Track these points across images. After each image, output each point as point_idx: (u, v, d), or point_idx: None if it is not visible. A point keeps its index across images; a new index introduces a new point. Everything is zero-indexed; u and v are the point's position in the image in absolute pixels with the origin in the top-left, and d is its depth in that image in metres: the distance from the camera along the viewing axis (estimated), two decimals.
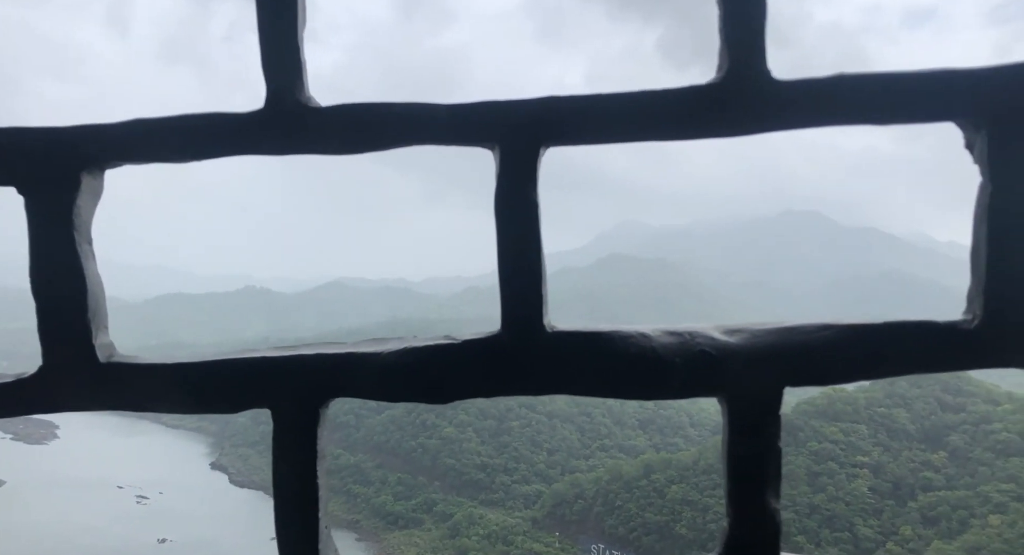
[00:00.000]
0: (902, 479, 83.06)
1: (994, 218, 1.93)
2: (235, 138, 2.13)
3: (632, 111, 2.03)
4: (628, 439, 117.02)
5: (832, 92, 1.96)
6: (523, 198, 2.08)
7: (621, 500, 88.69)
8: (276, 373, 2.17)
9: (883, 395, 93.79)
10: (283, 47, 2.10)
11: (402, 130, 2.10)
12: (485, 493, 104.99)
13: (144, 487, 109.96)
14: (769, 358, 2.01)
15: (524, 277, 2.10)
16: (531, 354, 2.09)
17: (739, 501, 2.03)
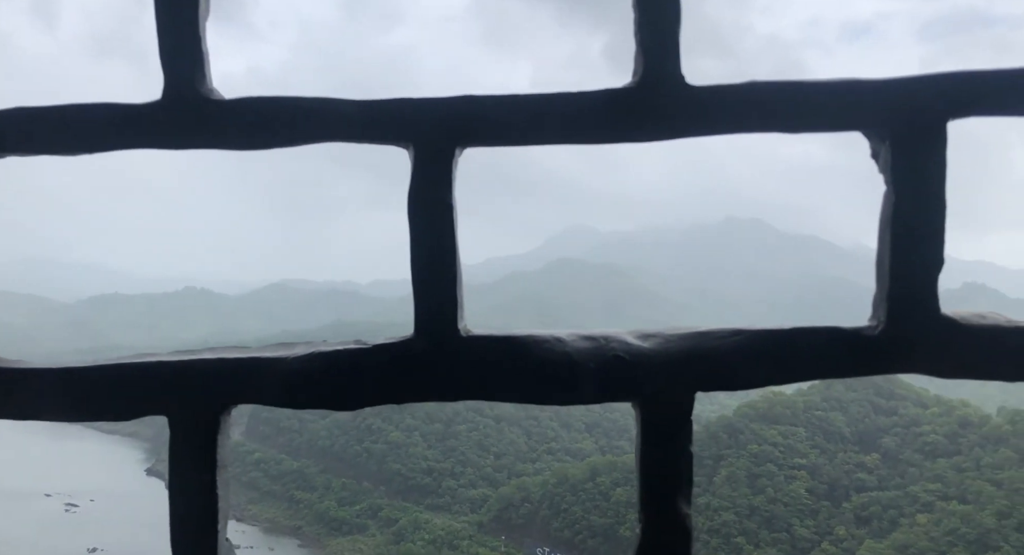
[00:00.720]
0: (837, 481, 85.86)
1: (897, 226, 1.96)
2: (130, 130, 2.02)
3: (549, 113, 2.02)
4: (575, 442, 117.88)
5: (744, 99, 1.97)
6: (437, 200, 2.04)
7: (567, 503, 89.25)
8: (172, 379, 2.06)
9: (820, 399, 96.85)
10: (182, 36, 2.01)
11: (309, 126, 2.03)
12: (431, 498, 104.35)
13: (74, 495, 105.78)
14: (682, 363, 2.00)
15: (438, 281, 2.05)
16: (444, 359, 2.04)
17: (651, 506, 2.02)
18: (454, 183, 2.08)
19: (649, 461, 2.02)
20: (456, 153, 2.06)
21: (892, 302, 1.96)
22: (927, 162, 1.95)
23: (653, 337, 2.05)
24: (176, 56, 2.03)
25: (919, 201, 1.95)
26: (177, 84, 2.03)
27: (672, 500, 2.01)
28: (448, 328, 2.06)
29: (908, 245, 1.96)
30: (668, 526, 2.01)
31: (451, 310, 2.06)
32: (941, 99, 1.93)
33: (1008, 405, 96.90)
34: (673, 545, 2.01)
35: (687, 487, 2.02)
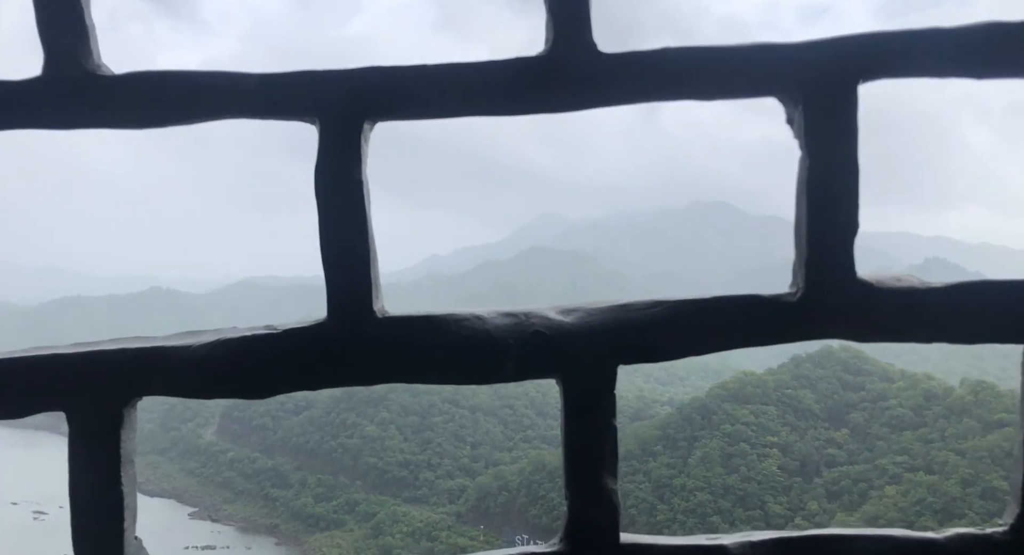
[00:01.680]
0: (808, 457, 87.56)
1: (812, 192, 1.95)
2: (8, 108, 1.92)
3: (459, 83, 1.97)
4: (551, 429, 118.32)
5: (657, 65, 1.94)
6: (346, 176, 1.98)
7: (544, 490, 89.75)
8: (70, 371, 1.96)
9: (790, 377, 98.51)
10: (62, 6, 1.91)
11: (207, 101, 1.95)
12: (408, 490, 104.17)
13: (43, 502, 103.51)
14: (603, 336, 1.98)
15: (349, 261, 2.01)
16: (360, 341, 2.00)
17: (577, 483, 2.00)
18: (365, 159, 2.01)
19: (573, 436, 2.00)
20: (365, 127, 1.99)
21: (810, 268, 1.96)
22: (838, 125, 1.93)
23: (575, 311, 2.02)
24: (56, 28, 1.93)
25: (832, 165, 1.93)
26: (58, 59, 1.93)
27: (597, 475, 1.99)
28: (362, 310, 2.00)
29: (823, 210, 1.94)
30: (594, 501, 1.99)
31: (365, 291, 2.01)
32: (850, 61, 1.91)
33: (970, 377, 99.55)
34: (600, 521, 1.99)
35: (612, 461, 2.00)
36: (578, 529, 2.01)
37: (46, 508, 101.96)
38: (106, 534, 1.98)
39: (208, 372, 1.97)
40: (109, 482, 1.98)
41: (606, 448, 2.00)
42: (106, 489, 1.98)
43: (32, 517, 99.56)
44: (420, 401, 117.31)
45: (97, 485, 1.98)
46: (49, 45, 1.90)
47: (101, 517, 1.98)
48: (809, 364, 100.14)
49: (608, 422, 2.00)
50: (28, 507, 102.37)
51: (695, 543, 2.05)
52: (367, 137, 2.00)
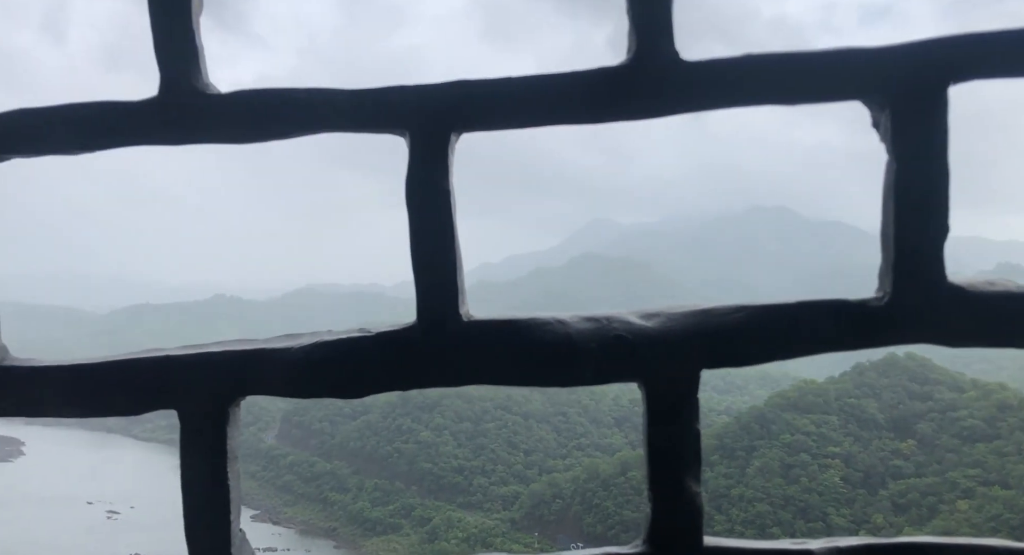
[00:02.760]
0: (872, 468, 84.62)
1: (900, 196, 1.93)
2: (128, 127, 2.04)
3: (542, 94, 2.01)
4: (604, 437, 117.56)
5: (739, 72, 1.95)
6: (434, 186, 2.03)
7: (599, 498, 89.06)
8: (181, 372, 2.08)
9: (852, 385, 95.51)
10: (176, 31, 2.02)
11: (304, 117, 2.04)
12: (463, 496, 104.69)
13: (115, 502, 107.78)
14: (685, 341, 1.99)
15: (438, 267, 2.05)
16: (446, 345, 2.04)
17: (659, 486, 2.02)
18: (451, 169, 2.06)
19: (656, 440, 2.01)
20: (452, 139, 2.05)
21: (897, 272, 1.94)
22: (928, 128, 1.91)
23: (656, 316, 2.03)
24: (170, 51, 2.04)
25: (921, 168, 1.92)
26: (172, 79, 2.04)
27: (680, 478, 2.00)
28: (449, 314, 2.06)
29: (911, 214, 1.92)
30: (678, 504, 2.00)
31: (452, 296, 2.06)
32: (941, 63, 1.90)
33: None
34: (683, 523, 2.00)
35: (695, 465, 2.01)
36: (660, 531, 2.02)
37: (118, 508, 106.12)
38: (215, 526, 2.10)
39: (306, 372, 2.06)
40: (217, 477, 2.10)
41: (689, 451, 2.01)
42: (214, 483, 2.10)
43: (106, 516, 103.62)
44: (473, 407, 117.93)
45: (206, 480, 2.10)
46: (165, 67, 2.03)
47: (210, 510, 2.10)
48: (873, 373, 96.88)
49: (691, 426, 2.01)
50: (102, 506, 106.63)
51: (780, 547, 2.04)
52: (453, 148, 2.07)
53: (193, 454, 2.10)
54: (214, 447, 2.09)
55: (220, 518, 2.10)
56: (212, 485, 2.09)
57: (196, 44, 2.03)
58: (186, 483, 2.10)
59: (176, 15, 2.01)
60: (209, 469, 2.09)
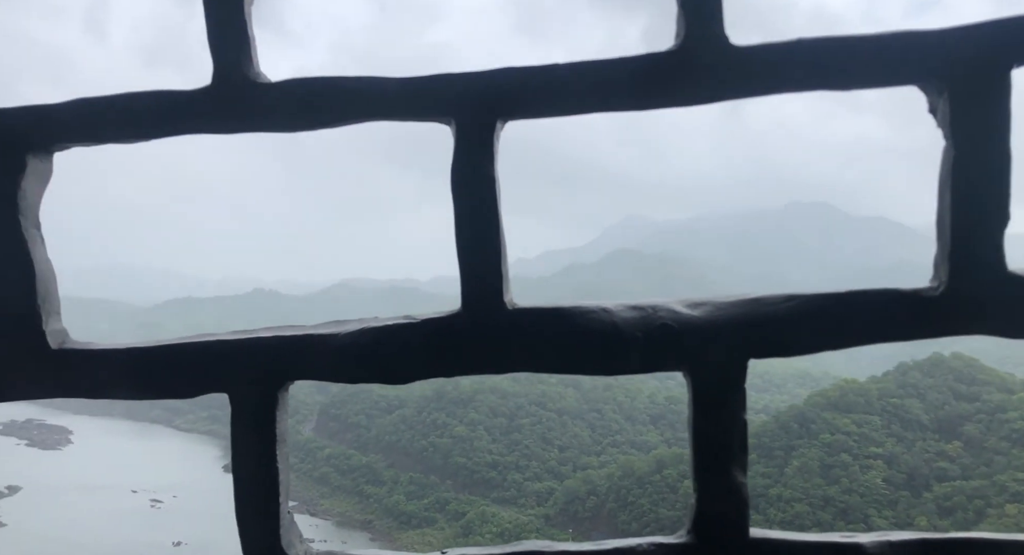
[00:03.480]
0: (916, 470, 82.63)
1: (957, 183, 1.89)
2: (182, 116, 2.08)
3: (589, 81, 1.99)
4: (639, 435, 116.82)
5: (791, 56, 1.92)
6: (480, 174, 2.03)
7: (634, 496, 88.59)
8: (232, 356, 2.11)
9: (895, 385, 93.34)
10: (228, 21, 2.05)
11: (352, 105, 2.05)
12: (497, 491, 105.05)
13: (158, 491, 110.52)
14: (732, 330, 1.97)
15: (483, 254, 2.05)
16: (491, 332, 2.04)
17: (705, 476, 2.00)
18: (496, 157, 2.06)
19: (701, 429, 1.99)
20: (497, 126, 2.04)
21: (954, 261, 1.89)
22: (989, 113, 1.86)
23: (703, 305, 2.01)
24: (223, 41, 2.07)
25: (981, 154, 1.87)
26: (225, 68, 2.07)
27: (726, 468, 1.98)
28: (494, 301, 2.06)
29: (970, 201, 1.88)
30: (723, 494, 1.98)
31: (496, 283, 2.06)
32: (1002, 46, 1.84)
33: None
34: (729, 514, 1.98)
35: (742, 455, 1.99)
36: (706, 522, 2.00)
37: (161, 496, 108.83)
38: (264, 506, 2.14)
39: (351, 358, 2.08)
40: (266, 459, 2.13)
41: (735, 441, 1.98)
42: (264, 466, 2.14)
43: (149, 505, 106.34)
44: (507, 403, 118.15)
45: (256, 462, 2.14)
46: (217, 56, 2.07)
47: (260, 491, 2.14)
48: (917, 372, 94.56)
49: (737, 415, 1.99)
50: (146, 495, 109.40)
51: (829, 540, 1.99)
52: (499, 135, 2.06)
53: (243, 437, 2.13)
54: (264, 430, 2.12)
55: (269, 499, 2.13)
56: (261, 467, 2.13)
57: (248, 34, 2.06)
58: (237, 465, 2.14)
59: (230, 5, 2.04)
60: (259, 452, 2.13)
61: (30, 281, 2.10)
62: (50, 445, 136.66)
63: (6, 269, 2.10)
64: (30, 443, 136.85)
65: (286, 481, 2.19)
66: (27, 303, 2.11)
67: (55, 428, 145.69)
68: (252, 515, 2.14)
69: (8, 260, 2.09)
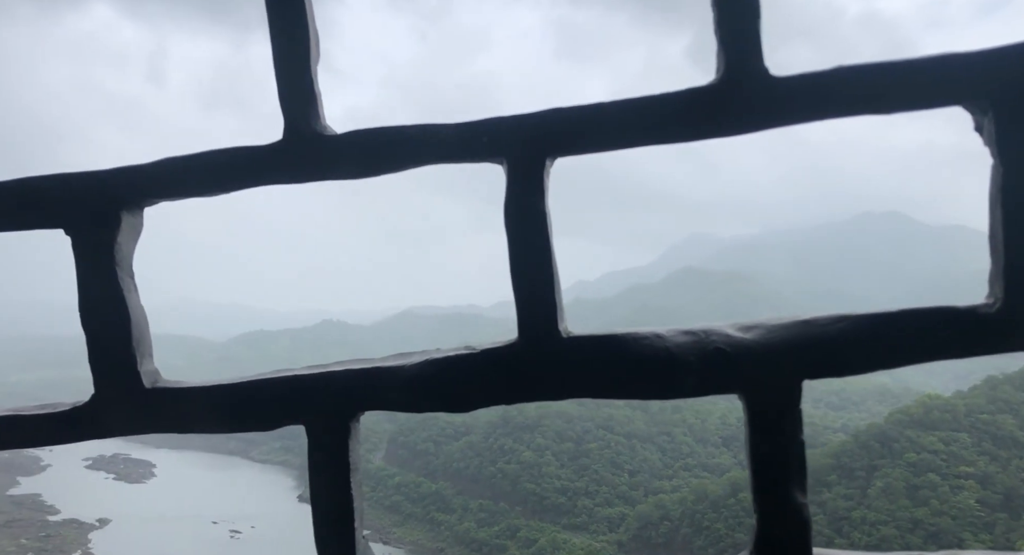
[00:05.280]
0: (1014, 490, 77.68)
1: (1008, 199, 1.91)
2: (257, 169, 2.25)
3: (634, 117, 2.06)
4: (712, 457, 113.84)
5: (831, 85, 1.96)
6: (532, 209, 2.14)
7: (709, 520, 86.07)
8: (307, 390, 2.25)
9: (985, 401, 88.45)
10: (297, 80, 2.21)
11: (413, 151, 2.18)
12: (568, 517, 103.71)
13: (237, 521, 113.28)
14: (785, 352, 2.00)
15: (537, 286, 2.15)
16: (547, 360, 2.13)
17: (765, 497, 2.02)
18: (547, 192, 2.15)
19: (759, 451, 2.02)
20: (547, 163, 2.14)
21: (1009, 277, 1.91)
22: None
23: (755, 328, 2.05)
24: (292, 99, 2.21)
25: None
26: (295, 124, 2.20)
27: (786, 489, 2.00)
28: (549, 330, 2.13)
29: (1021, 218, 1.90)
30: (784, 515, 2.00)
31: (551, 313, 2.13)
32: None
33: None
34: (790, 534, 2.00)
35: (800, 476, 2.00)
36: (767, 542, 2.03)
37: (240, 526, 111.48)
38: (340, 531, 2.26)
39: (418, 388, 2.20)
40: (341, 486, 2.26)
41: (793, 462, 2.01)
42: (339, 493, 2.26)
43: (229, 535, 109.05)
44: (574, 427, 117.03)
45: (331, 489, 2.26)
46: (288, 113, 2.23)
47: (336, 517, 2.26)
48: (1008, 386, 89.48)
49: (794, 436, 2.01)
50: (225, 525, 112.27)
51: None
52: (548, 172, 2.17)
53: (319, 465, 2.26)
54: (338, 459, 2.25)
55: (345, 524, 2.25)
56: (337, 494, 2.25)
57: (315, 92, 2.22)
58: (314, 492, 2.27)
59: (298, 65, 2.21)
60: (334, 479, 2.25)
61: (126, 326, 2.30)
62: (135, 478, 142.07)
63: (106, 316, 2.30)
64: (117, 477, 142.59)
65: (360, 507, 2.28)
66: (124, 346, 2.30)
67: (140, 462, 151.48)
68: (329, 538, 2.25)
69: (107, 307, 2.29)
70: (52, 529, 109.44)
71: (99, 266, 2.29)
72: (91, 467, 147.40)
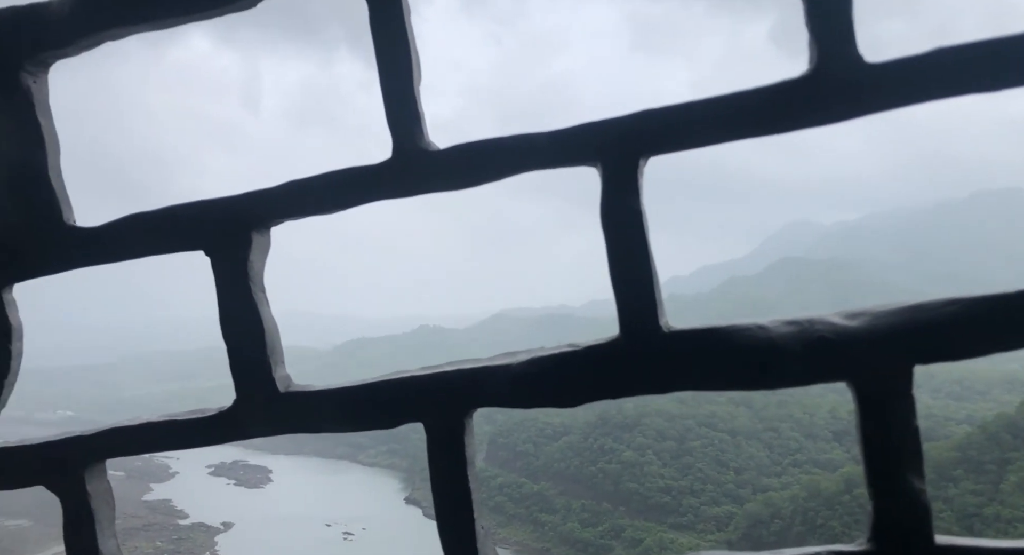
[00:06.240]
0: None
1: None
2: (370, 187, 2.40)
3: (725, 114, 2.08)
4: (823, 453, 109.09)
5: (930, 67, 1.92)
6: (627, 209, 2.19)
7: (823, 518, 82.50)
8: (423, 389, 2.38)
9: None
10: (403, 102, 2.35)
11: (510, 161, 2.28)
12: (673, 516, 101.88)
13: (349, 523, 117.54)
14: (894, 338, 1.97)
15: (636, 283, 2.20)
16: (649, 355, 2.18)
17: (879, 483, 2.01)
18: (641, 192, 2.19)
19: (871, 438, 2.01)
20: (640, 163, 2.17)
21: None
22: None
23: (861, 315, 2.03)
24: (399, 119, 2.34)
25: None
26: (402, 142, 2.33)
27: (901, 474, 1.98)
28: (650, 326, 2.17)
29: None
30: (900, 500, 1.98)
31: (651, 309, 2.17)
32: None
33: None
34: (909, 521, 1.98)
35: (916, 462, 1.98)
36: (886, 528, 2.00)
37: (352, 528, 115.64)
38: (461, 523, 2.38)
39: (525, 385, 2.29)
40: (459, 479, 2.38)
41: (907, 447, 1.98)
42: (458, 486, 2.38)
43: (342, 537, 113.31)
44: (675, 425, 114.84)
45: (450, 482, 2.38)
46: (396, 133, 2.36)
47: (456, 508, 2.38)
48: None
49: (908, 422, 1.98)
50: (339, 528, 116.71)
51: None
52: (642, 171, 2.22)
53: (439, 460, 2.38)
54: (455, 454, 2.37)
55: (465, 515, 2.37)
56: (456, 487, 2.37)
57: (419, 111, 2.35)
58: (435, 486, 2.39)
59: (403, 88, 2.35)
60: (452, 473, 2.37)
61: (261, 336, 2.50)
62: (254, 484, 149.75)
63: (243, 328, 2.51)
64: (237, 482, 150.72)
65: (477, 499, 2.41)
66: (259, 355, 2.51)
67: (257, 468, 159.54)
68: (451, 529, 2.38)
69: (244, 320, 2.51)
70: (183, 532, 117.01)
71: (235, 283, 2.50)
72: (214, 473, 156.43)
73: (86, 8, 2.43)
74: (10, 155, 2.55)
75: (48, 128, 2.57)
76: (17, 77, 2.50)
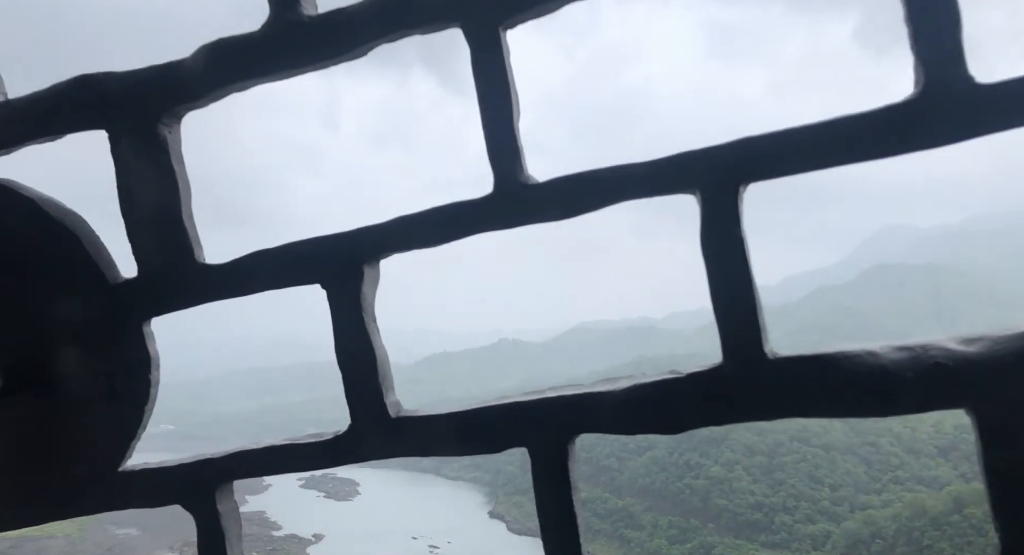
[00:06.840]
0: None
1: None
2: (473, 221, 2.48)
3: (827, 140, 2.06)
4: (927, 469, 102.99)
5: None
6: (729, 235, 2.18)
7: (929, 539, 77.70)
8: (528, 415, 2.42)
9: None
10: (504, 140, 2.42)
11: (610, 191, 2.31)
12: (765, 534, 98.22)
13: (434, 536, 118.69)
14: (1017, 364, 1.92)
15: (739, 309, 2.19)
16: (754, 382, 2.15)
17: (1006, 515, 1.95)
18: (742, 218, 2.17)
19: (995, 466, 1.95)
20: (740, 190, 2.16)
21: None
22: None
23: (979, 341, 1.97)
24: (500, 155, 2.42)
25: None
26: (503, 177, 2.42)
27: None
28: (754, 352, 2.15)
29: None
30: None
31: (755, 335, 2.16)
32: None
33: None
34: None
35: None
36: None
37: (437, 541, 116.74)
38: (568, 547, 2.39)
39: (628, 412, 2.31)
40: (564, 503, 2.39)
41: None
42: (564, 511, 2.39)
43: (428, 550, 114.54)
44: (766, 440, 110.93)
45: (556, 506, 2.40)
46: (497, 168, 2.44)
47: (562, 533, 2.40)
48: None
49: None
50: (425, 541, 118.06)
51: None
52: (742, 198, 2.20)
53: (544, 485, 2.41)
54: (560, 478, 2.39)
55: (571, 540, 2.38)
56: (561, 511, 2.39)
57: (519, 146, 2.43)
58: (541, 509, 2.43)
59: (503, 124, 2.43)
60: (558, 497, 2.39)
61: (373, 364, 2.61)
62: (343, 497, 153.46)
63: (356, 356, 2.63)
64: (327, 495, 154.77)
65: (583, 524, 2.42)
66: (372, 382, 2.61)
67: (345, 481, 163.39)
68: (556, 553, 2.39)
69: (357, 349, 2.62)
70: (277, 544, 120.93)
71: (349, 314, 2.62)
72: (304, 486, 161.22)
73: (217, 65, 2.64)
74: (151, 201, 2.77)
75: (182, 174, 2.78)
76: (155, 129, 2.73)
